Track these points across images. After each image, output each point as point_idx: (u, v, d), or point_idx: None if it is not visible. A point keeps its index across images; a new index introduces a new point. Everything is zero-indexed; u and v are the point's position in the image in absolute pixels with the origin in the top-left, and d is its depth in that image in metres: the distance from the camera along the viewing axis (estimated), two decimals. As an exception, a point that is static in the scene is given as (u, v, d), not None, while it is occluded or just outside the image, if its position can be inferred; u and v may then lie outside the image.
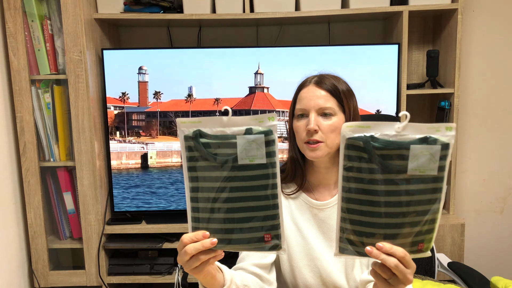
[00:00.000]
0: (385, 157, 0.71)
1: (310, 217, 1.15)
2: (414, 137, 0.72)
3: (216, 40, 2.27)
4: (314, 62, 2.01)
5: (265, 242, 0.80)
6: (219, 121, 0.78)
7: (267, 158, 0.77)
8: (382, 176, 0.72)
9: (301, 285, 1.14)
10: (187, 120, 0.79)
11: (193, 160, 0.80)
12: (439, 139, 0.72)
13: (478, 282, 1.46)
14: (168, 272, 2.06)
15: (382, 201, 0.74)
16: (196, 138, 0.79)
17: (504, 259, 2.42)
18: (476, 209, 2.40)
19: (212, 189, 0.79)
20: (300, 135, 1.10)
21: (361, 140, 0.72)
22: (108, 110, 2.04)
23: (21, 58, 1.89)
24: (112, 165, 2.06)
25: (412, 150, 0.71)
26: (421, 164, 0.72)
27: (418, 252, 0.78)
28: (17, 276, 1.97)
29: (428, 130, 0.72)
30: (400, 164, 0.72)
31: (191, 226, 0.82)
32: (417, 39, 2.27)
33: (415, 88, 2.12)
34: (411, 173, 0.72)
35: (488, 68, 2.29)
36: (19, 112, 1.92)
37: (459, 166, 2.33)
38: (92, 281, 2.05)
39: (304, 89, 1.11)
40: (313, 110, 1.08)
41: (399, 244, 0.76)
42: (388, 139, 0.71)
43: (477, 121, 2.34)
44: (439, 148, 0.72)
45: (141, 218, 2.10)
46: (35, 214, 1.99)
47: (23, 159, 1.95)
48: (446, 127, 0.72)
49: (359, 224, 0.76)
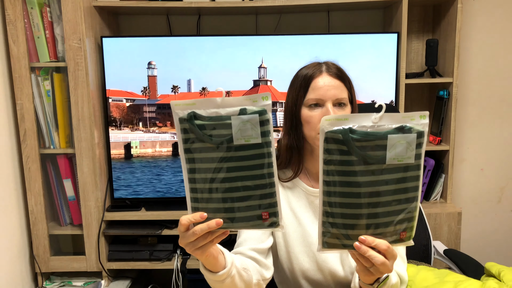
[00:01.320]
0: (363, 148, 0.73)
1: (307, 203, 1.16)
2: (391, 127, 0.73)
3: (216, 28, 2.27)
4: (313, 50, 2.01)
5: (263, 220, 0.81)
6: (213, 103, 0.79)
7: (262, 137, 0.78)
8: (361, 167, 0.74)
9: (297, 270, 1.15)
10: (181, 103, 0.80)
11: (189, 142, 0.81)
12: (414, 128, 0.74)
13: (472, 268, 1.48)
14: (168, 258, 2.09)
15: (363, 192, 0.75)
16: (191, 120, 0.79)
17: (500, 248, 2.44)
18: (474, 199, 2.41)
19: (209, 170, 0.80)
20: (314, 125, 1.08)
21: (340, 132, 0.73)
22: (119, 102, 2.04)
23: (20, 45, 1.89)
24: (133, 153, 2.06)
25: (390, 140, 0.73)
26: (398, 153, 0.74)
27: (400, 241, 0.80)
28: (18, 261, 1.99)
29: (403, 119, 0.74)
30: (379, 154, 0.73)
31: (191, 206, 0.84)
32: (416, 28, 2.26)
33: (414, 78, 2.12)
34: (389, 162, 0.74)
35: (488, 58, 2.29)
36: (19, 99, 1.93)
37: (457, 155, 2.34)
38: (92, 267, 2.07)
39: (318, 78, 1.09)
40: (329, 100, 1.07)
41: (381, 234, 0.78)
42: (366, 130, 0.73)
43: (475, 111, 2.34)
44: (414, 137, 0.73)
45: (141, 205, 2.12)
46: (35, 201, 2.01)
47: (24, 146, 1.96)
48: (420, 115, 0.75)
49: (341, 217, 0.77)
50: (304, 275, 1.15)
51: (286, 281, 1.21)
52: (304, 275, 1.15)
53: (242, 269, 1.01)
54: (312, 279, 1.15)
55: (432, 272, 1.21)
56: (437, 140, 2.17)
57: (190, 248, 0.84)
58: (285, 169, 1.19)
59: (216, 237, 0.84)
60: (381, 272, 0.81)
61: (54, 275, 2.13)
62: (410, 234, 0.80)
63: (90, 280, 2.11)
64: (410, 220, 0.79)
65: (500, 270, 1.15)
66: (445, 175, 2.17)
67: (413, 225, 0.80)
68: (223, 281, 0.96)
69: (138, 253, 2.08)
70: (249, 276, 1.03)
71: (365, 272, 0.84)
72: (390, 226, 0.78)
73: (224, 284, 0.97)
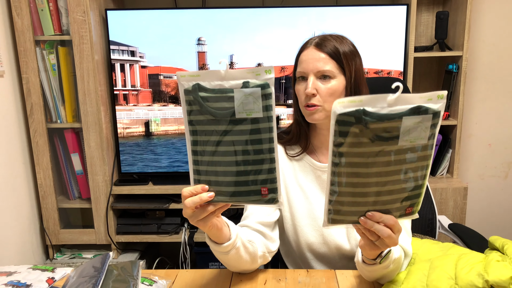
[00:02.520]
0: (377, 130, 0.70)
1: (314, 178, 1.16)
2: (406, 108, 0.70)
3: (222, 0, 2.23)
4: (321, 23, 1.98)
5: (262, 196, 0.82)
6: (217, 75, 0.78)
7: (264, 111, 0.77)
8: (373, 149, 0.71)
9: (303, 243, 1.16)
10: (186, 74, 0.79)
11: (192, 114, 0.81)
12: (430, 108, 0.70)
13: (477, 242, 1.48)
14: (175, 232, 2.12)
15: (372, 172, 0.73)
16: (195, 92, 0.79)
17: (505, 223, 2.45)
18: (480, 174, 2.41)
19: (210, 143, 0.80)
20: (300, 98, 1.09)
21: (353, 115, 0.69)
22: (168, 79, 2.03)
23: (24, 18, 1.88)
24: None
25: (404, 122, 0.70)
26: (413, 135, 0.71)
27: (405, 216, 0.80)
28: (29, 233, 2.03)
29: (420, 100, 0.70)
30: (392, 135, 0.71)
31: (193, 178, 0.85)
32: (426, 0, 2.21)
33: (423, 51, 2.08)
34: (402, 143, 0.71)
35: (499, 32, 2.24)
36: (25, 73, 1.93)
37: (464, 130, 2.32)
38: (101, 240, 2.11)
39: (304, 52, 1.09)
40: (311, 73, 1.06)
41: (389, 209, 0.77)
42: (380, 112, 0.69)
43: (484, 86, 2.31)
44: (430, 117, 0.71)
45: (148, 179, 2.14)
46: (44, 175, 2.03)
47: (31, 120, 1.97)
48: (438, 95, 0.71)
49: (348, 195, 0.76)
50: (309, 248, 1.16)
51: (292, 254, 1.22)
52: (310, 248, 1.16)
53: (247, 241, 1.02)
54: (317, 252, 1.16)
55: (436, 245, 1.21)
56: (445, 115, 2.15)
57: (192, 219, 0.86)
58: (294, 145, 1.19)
59: (218, 209, 0.85)
60: (386, 245, 0.82)
61: (65, 248, 2.18)
62: (416, 208, 0.80)
63: (99, 253, 2.15)
64: (417, 196, 0.78)
65: (504, 243, 1.15)
66: (452, 150, 2.16)
67: (419, 201, 0.79)
68: (228, 253, 0.97)
69: (146, 227, 2.11)
70: (254, 248, 1.04)
71: (370, 246, 0.84)
72: (397, 203, 0.77)
73: (229, 256, 0.98)
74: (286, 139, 1.19)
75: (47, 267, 1.05)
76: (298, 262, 1.22)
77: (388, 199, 0.77)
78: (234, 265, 1.04)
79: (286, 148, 1.20)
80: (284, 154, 1.19)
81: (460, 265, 1.01)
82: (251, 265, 1.05)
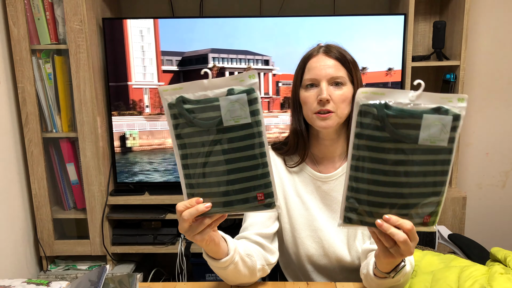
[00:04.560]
0: (397, 125, 0.71)
1: (314, 189, 1.15)
2: (427, 107, 0.71)
3: (219, 10, 2.23)
4: (318, 32, 1.98)
5: (258, 202, 0.80)
6: (200, 85, 0.77)
7: (252, 117, 0.77)
8: (393, 145, 0.72)
9: (303, 255, 1.15)
10: (169, 88, 0.78)
11: (179, 127, 0.79)
12: (450, 110, 0.71)
13: (477, 253, 1.47)
14: (171, 242, 2.09)
15: (391, 170, 0.73)
16: (179, 105, 0.78)
17: (504, 232, 2.44)
18: (478, 183, 2.40)
19: (201, 154, 0.79)
20: (310, 105, 1.07)
21: (375, 107, 0.70)
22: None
23: (21, 27, 1.86)
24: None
25: (425, 120, 0.70)
26: (432, 134, 0.71)
27: (423, 225, 0.78)
28: (23, 245, 2.00)
29: (441, 100, 0.71)
30: (412, 133, 0.71)
31: (186, 193, 0.83)
32: (423, 10, 2.22)
33: (421, 60, 2.09)
34: (422, 142, 0.72)
35: (495, 41, 2.25)
36: (21, 83, 1.91)
37: (462, 139, 2.32)
38: (97, 251, 2.08)
39: (313, 59, 1.09)
40: (324, 80, 1.06)
41: (405, 215, 0.76)
42: (402, 107, 0.70)
43: (482, 95, 2.31)
44: (450, 119, 0.71)
45: (144, 190, 2.12)
46: (39, 185, 2.00)
47: (26, 129, 1.95)
48: (458, 98, 0.72)
49: (366, 193, 0.75)
50: (310, 260, 1.15)
51: (291, 266, 1.21)
52: (310, 260, 1.14)
53: (246, 255, 1.00)
54: (317, 264, 1.14)
55: (437, 257, 1.20)
56: (442, 124, 2.14)
57: (189, 234, 0.84)
58: (292, 155, 1.17)
59: (214, 221, 0.84)
60: (401, 254, 0.79)
61: (59, 259, 2.14)
62: (434, 219, 0.78)
63: (94, 264, 2.12)
64: (436, 204, 0.77)
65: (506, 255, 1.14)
66: (450, 160, 2.15)
67: (438, 210, 0.78)
68: (226, 268, 0.95)
69: (142, 237, 2.08)
70: (253, 262, 1.02)
71: (385, 254, 0.81)
72: (415, 208, 0.76)
73: (228, 271, 0.96)
74: (284, 149, 1.18)
75: (42, 280, 1.03)
76: (297, 274, 1.20)
77: (407, 202, 0.76)
78: (232, 280, 1.02)
79: (286, 159, 1.18)
80: (283, 165, 1.18)
81: (463, 278, 0.99)
82: (250, 279, 1.03)
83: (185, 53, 1.77)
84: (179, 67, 1.80)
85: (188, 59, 1.80)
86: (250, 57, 1.79)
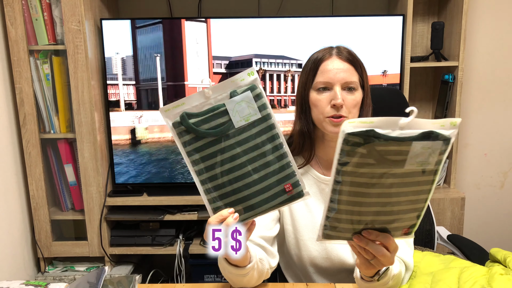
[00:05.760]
0: (384, 152, 0.68)
1: (317, 191, 1.14)
2: (417, 132, 0.68)
3: (216, 10, 2.23)
4: (316, 33, 1.98)
5: (287, 193, 0.79)
6: (202, 95, 0.76)
7: (261, 111, 0.76)
8: (378, 170, 0.70)
9: (306, 257, 1.14)
10: (170, 106, 0.77)
11: (188, 144, 0.78)
12: (441, 134, 0.69)
13: (477, 253, 1.47)
14: (170, 244, 2.08)
15: (374, 192, 0.72)
16: (185, 121, 0.77)
17: (503, 233, 2.44)
18: (477, 183, 2.40)
19: (217, 164, 0.78)
20: (322, 109, 1.05)
21: (362, 135, 0.67)
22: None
23: (18, 27, 1.85)
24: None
25: (414, 147, 0.68)
26: (420, 159, 0.69)
27: (402, 236, 0.79)
28: (20, 246, 1.99)
29: (432, 126, 0.69)
30: (399, 159, 0.69)
31: (211, 208, 0.81)
32: (422, 11, 2.22)
33: (419, 61, 2.09)
34: (408, 167, 0.70)
35: (494, 41, 2.26)
36: (18, 83, 1.90)
37: (461, 140, 2.32)
38: (95, 252, 2.07)
39: (326, 61, 1.07)
40: (338, 84, 1.04)
41: (385, 230, 0.76)
42: (391, 135, 0.67)
43: (480, 95, 2.31)
44: (441, 144, 0.69)
45: (142, 191, 2.11)
46: (36, 186, 1.99)
47: (24, 130, 1.94)
48: (451, 122, 0.70)
49: (347, 213, 0.74)
50: (312, 262, 1.14)
51: (292, 267, 1.20)
52: (312, 262, 1.14)
53: (259, 260, 1.00)
54: (320, 266, 1.14)
55: (437, 258, 1.20)
56: (441, 124, 2.14)
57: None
58: (297, 156, 1.16)
59: (248, 230, 0.83)
60: (382, 264, 0.80)
61: (57, 260, 2.13)
62: (412, 229, 0.79)
63: (92, 265, 2.11)
64: (416, 218, 0.77)
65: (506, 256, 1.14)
66: (449, 160, 2.16)
67: (417, 223, 0.78)
68: (246, 275, 0.95)
69: (140, 238, 2.08)
70: (263, 266, 1.02)
71: (366, 265, 0.82)
72: (395, 223, 0.76)
73: (246, 277, 0.96)
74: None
75: (40, 282, 1.02)
76: (298, 275, 1.19)
77: (387, 219, 0.75)
78: (241, 283, 1.01)
79: None
80: None
81: (463, 279, 0.99)
82: (257, 282, 1.03)
83: (231, 58, 1.80)
84: (226, 69, 1.85)
85: (234, 63, 1.82)
86: (286, 61, 1.85)
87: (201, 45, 1.78)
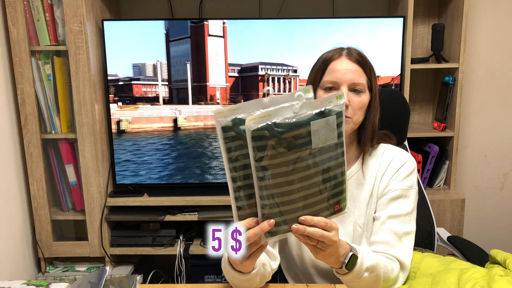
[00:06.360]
0: (290, 138, 0.74)
1: None
2: (312, 113, 0.75)
3: (218, 11, 2.23)
4: (317, 35, 1.98)
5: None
6: (259, 104, 0.76)
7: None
8: (291, 156, 0.75)
9: (307, 258, 1.15)
10: (224, 110, 0.75)
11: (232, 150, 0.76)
12: (332, 109, 0.77)
13: (476, 255, 1.47)
14: (170, 244, 2.09)
15: (295, 178, 0.77)
16: (236, 127, 0.75)
17: (503, 234, 2.44)
18: (477, 185, 2.41)
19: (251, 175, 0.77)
20: None
21: (266, 129, 0.73)
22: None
23: (20, 28, 1.86)
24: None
25: (312, 126, 0.75)
26: (322, 136, 0.77)
27: (336, 213, 0.84)
28: (21, 246, 1.99)
29: (322, 104, 0.77)
30: (305, 141, 0.75)
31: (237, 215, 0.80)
32: (422, 12, 2.23)
33: (419, 63, 2.09)
34: (315, 146, 0.76)
35: (494, 43, 2.26)
36: (20, 84, 1.91)
37: (461, 141, 2.32)
38: (95, 252, 2.08)
39: (335, 61, 1.07)
40: (345, 84, 1.05)
41: (318, 210, 0.81)
42: (289, 121, 0.74)
43: (480, 97, 2.32)
44: (334, 118, 0.77)
45: (143, 191, 2.12)
46: (37, 186, 2.00)
47: (25, 131, 1.95)
48: (336, 96, 0.79)
49: (278, 206, 0.77)
50: (313, 264, 1.14)
51: (294, 268, 1.21)
52: (314, 263, 1.14)
53: (262, 264, 1.00)
54: (321, 268, 1.14)
55: (437, 259, 1.20)
56: (441, 126, 2.15)
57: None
58: None
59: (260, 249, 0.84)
60: (328, 245, 0.82)
61: (57, 260, 2.14)
62: (343, 205, 0.85)
63: (93, 265, 2.11)
64: (341, 193, 0.83)
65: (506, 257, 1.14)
66: (449, 162, 2.16)
67: (345, 197, 0.85)
68: (250, 280, 0.95)
69: (141, 239, 2.08)
70: (266, 270, 1.02)
71: (316, 251, 0.84)
72: (324, 202, 0.81)
73: (250, 282, 0.96)
74: None
75: (41, 282, 1.03)
76: (299, 276, 1.20)
77: (316, 200, 0.80)
78: (243, 286, 1.01)
79: None
80: None
81: (463, 280, 0.99)
82: (258, 286, 1.03)
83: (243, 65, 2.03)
84: (239, 73, 2.04)
85: (244, 68, 2.04)
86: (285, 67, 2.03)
87: (219, 55, 2.02)
